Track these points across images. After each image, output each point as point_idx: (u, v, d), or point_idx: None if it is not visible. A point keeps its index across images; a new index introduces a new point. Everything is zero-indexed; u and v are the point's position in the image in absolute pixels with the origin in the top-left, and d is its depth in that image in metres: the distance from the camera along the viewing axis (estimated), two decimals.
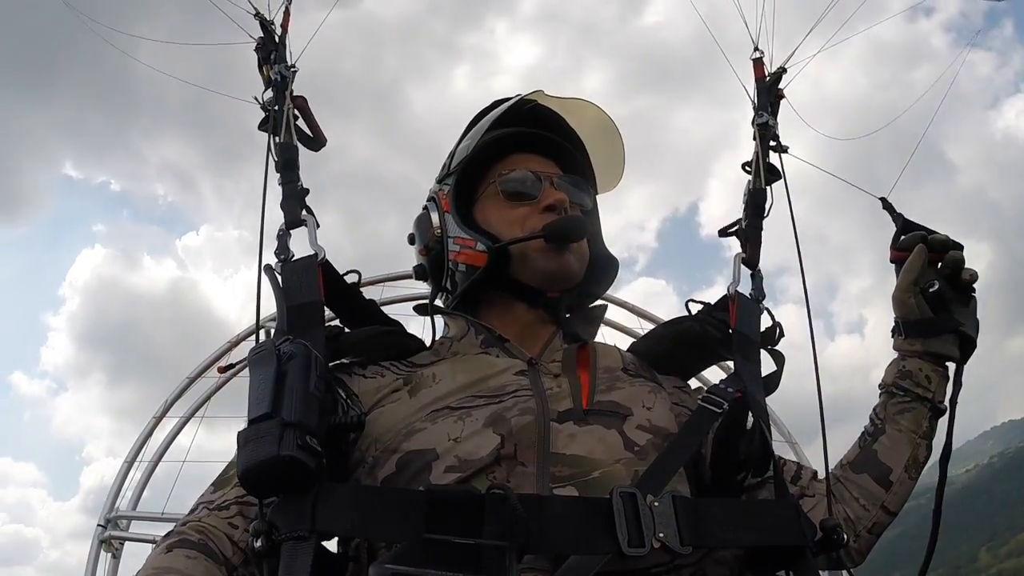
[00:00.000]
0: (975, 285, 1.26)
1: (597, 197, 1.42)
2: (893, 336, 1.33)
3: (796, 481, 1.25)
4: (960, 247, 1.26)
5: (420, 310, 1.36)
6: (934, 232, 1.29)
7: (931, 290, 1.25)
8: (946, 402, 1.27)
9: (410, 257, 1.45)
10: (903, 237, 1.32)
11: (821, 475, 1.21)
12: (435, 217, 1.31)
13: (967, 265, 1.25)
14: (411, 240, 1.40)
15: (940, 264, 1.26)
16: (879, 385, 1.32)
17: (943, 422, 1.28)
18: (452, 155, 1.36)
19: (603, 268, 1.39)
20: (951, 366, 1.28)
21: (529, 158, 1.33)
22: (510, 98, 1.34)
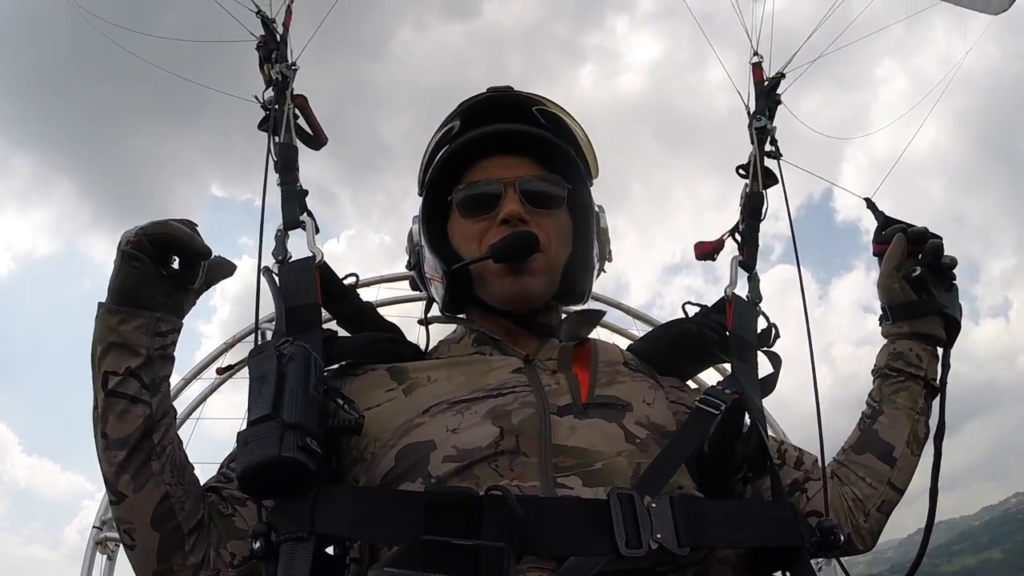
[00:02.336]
0: (955, 272, 1.32)
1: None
2: (881, 324, 1.37)
3: (799, 466, 1.26)
4: (939, 237, 1.31)
5: (421, 321, 1.36)
6: (913, 225, 1.33)
7: (913, 275, 1.31)
8: (938, 381, 1.30)
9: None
10: (884, 231, 1.36)
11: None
12: (415, 231, 1.31)
13: (946, 253, 1.30)
14: (406, 251, 1.39)
15: (921, 254, 1.32)
16: (872, 371, 1.36)
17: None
18: (420, 165, 1.34)
19: (579, 269, 1.28)
20: (939, 350, 1.33)
21: (499, 161, 1.24)
22: (476, 96, 1.29)
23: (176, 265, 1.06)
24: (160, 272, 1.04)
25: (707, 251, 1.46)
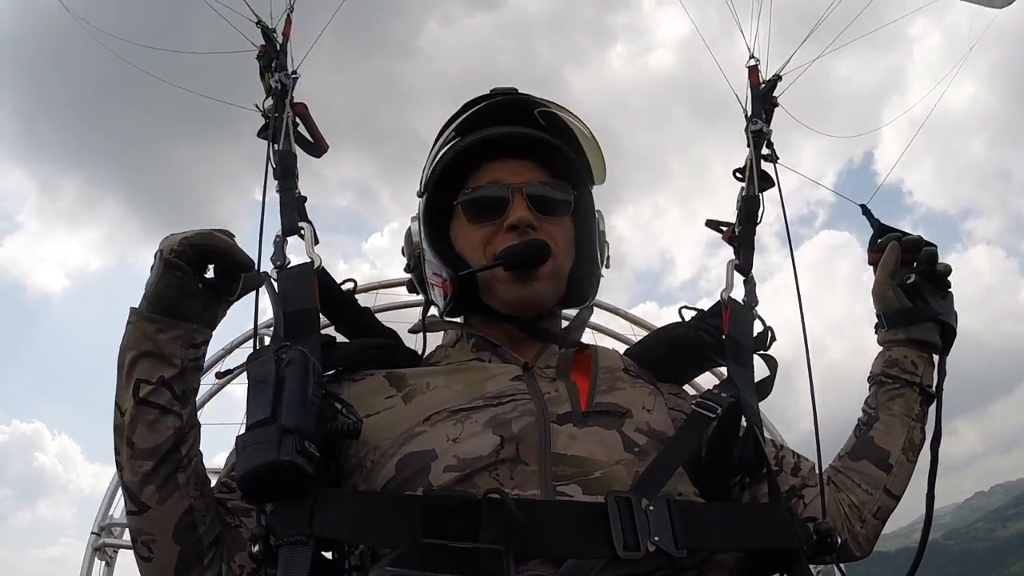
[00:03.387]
0: (950, 279, 1.32)
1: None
2: (876, 331, 1.37)
3: (796, 472, 1.26)
4: (933, 245, 1.31)
5: (415, 329, 1.35)
6: (908, 234, 1.34)
7: (908, 282, 1.32)
8: (934, 387, 1.31)
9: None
10: (879, 240, 1.37)
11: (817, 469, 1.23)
12: (415, 235, 1.30)
13: (941, 261, 1.31)
14: (404, 253, 1.38)
15: (915, 262, 1.32)
16: (868, 378, 1.36)
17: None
18: (424, 167, 1.32)
19: (585, 275, 1.30)
20: (935, 357, 1.33)
21: (505, 164, 1.23)
22: (480, 98, 1.28)
23: (212, 274, 1.06)
24: (199, 283, 1.04)
25: (714, 225, 1.47)
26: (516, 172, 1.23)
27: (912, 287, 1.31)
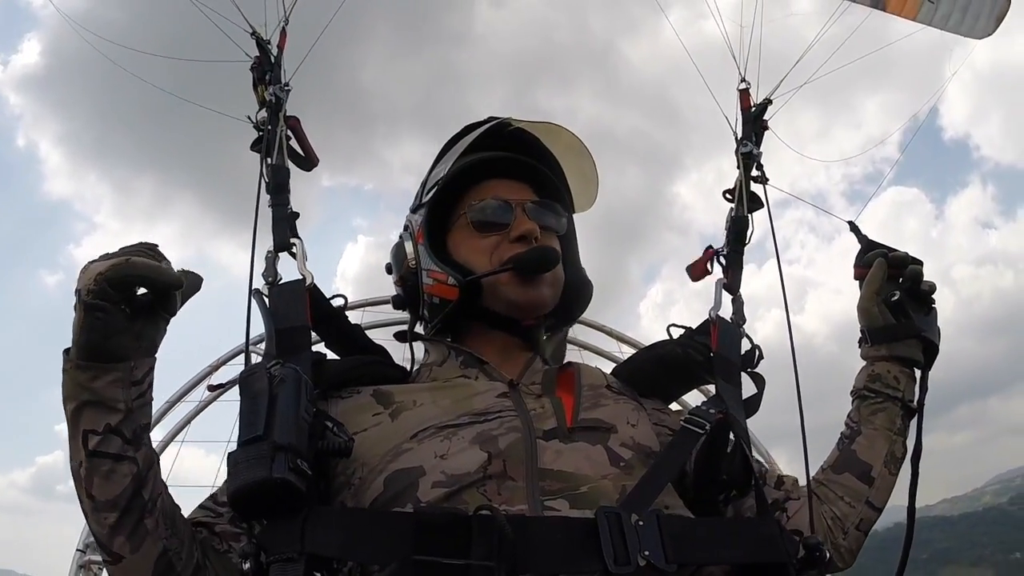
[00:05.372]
0: (934, 296, 1.34)
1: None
2: (860, 346, 1.39)
3: (780, 486, 1.28)
4: (919, 263, 1.33)
5: (400, 337, 1.37)
6: (895, 250, 1.36)
7: (893, 299, 1.33)
8: (915, 403, 1.33)
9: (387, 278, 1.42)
10: (866, 255, 1.39)
11: (802, 482, 1.24)
12: (409, 248, 1.30)
13: (926, 279, 1.33)
14: (388, 270, 1.39)
15: (901, 279, 1.34)
16: (851, 392, 1.38)
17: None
18: (424, 183, 1.35)
19: (579, 290, 1.37)
20: (917, 372, 1.35)
21: (501, 184, 1.31)
22: (481, 123, 1.33)
23: (142, 292, 0.98)
24: (127, 316, 0.96)
25: (698, 274, 1.47)
26: (515, 191, 1.30)
27: (897, 304, 1.33)
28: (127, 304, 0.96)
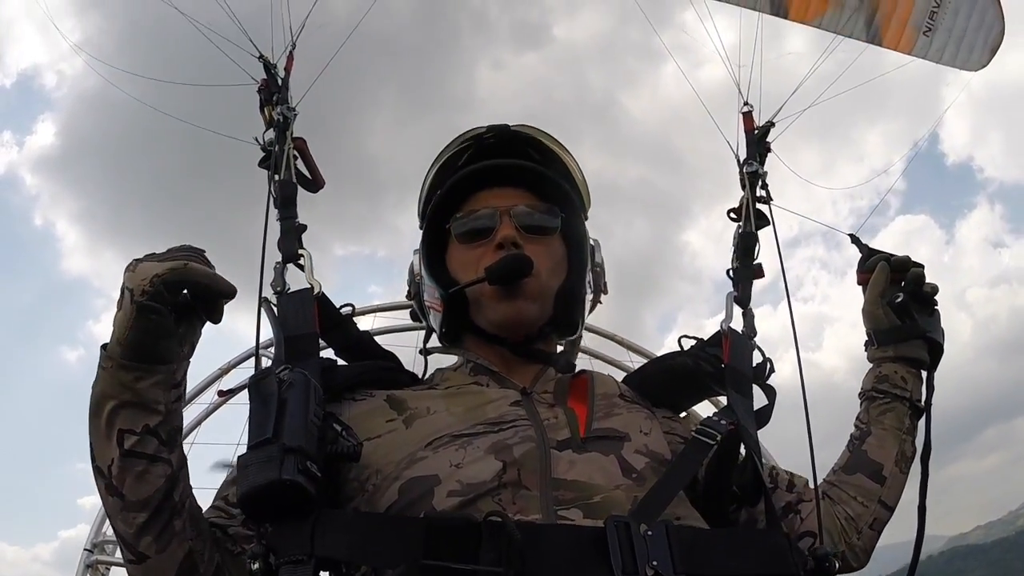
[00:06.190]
0: (937, 298, 1.37)
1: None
2: (867, 348, 1.42)
3: (791, 489, 1.28)
4: (921, 266, 1.37)
5: (422, 352, 1.39)
6: (896, 255, 1.39)
7: (896, 301, 1.36)
8: (923, 403, 1.35)
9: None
10: (868, 261, 1.43)
11: (811, 484, 1.25)
12: (417, 262, 1.34)
13: (928, 281, 1.36)
14: (408, 284, 1.42)
15: (903, 281, 1.37)
16: (859, 394, 1.40)
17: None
18: (419, 198, 1.38)
19: (575, 298, 1.30)
20: (924, 373, 1.37)
21: (492, 193, 1.29)
22: (474, 130, 1.34)
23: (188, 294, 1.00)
24: (176, 319, 0.98)
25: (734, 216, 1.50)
26: (506, 198, 1.29)
27: (900, 306, 1.36)
28: (174, 307, 0.97)
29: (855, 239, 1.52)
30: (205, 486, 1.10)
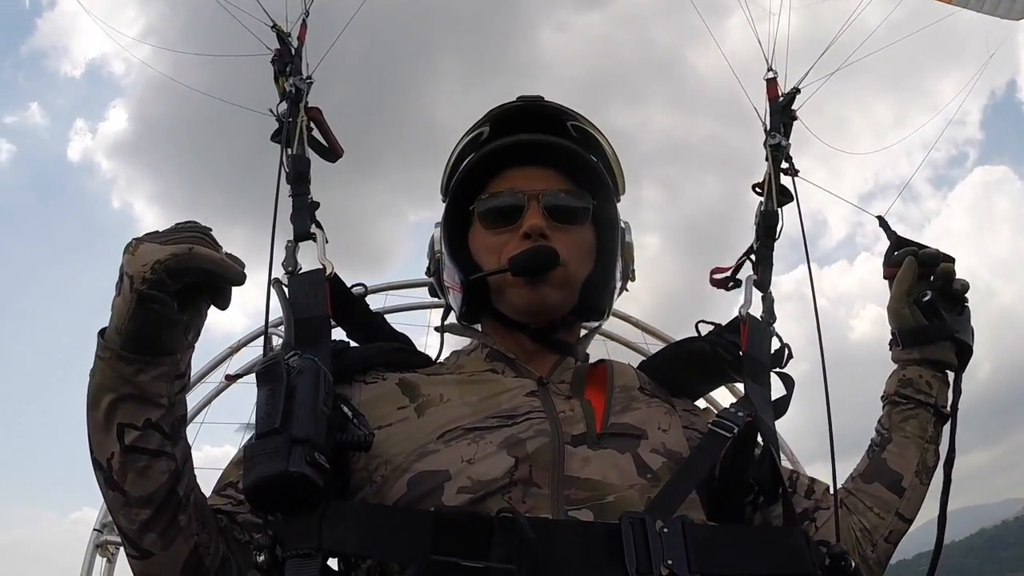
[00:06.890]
0: (967, 295, 1.30)
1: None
2: (891, 348, 1.35)
3: (810, 495, 1.24)
4: (951, 260, 1.29)
5: (438, 329, 1.35)
6: (926, 247, 1.32)
7: (924, 300, 1.29)
8: (948, 408, 1.29)
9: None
10: (896, 253, 1.35)
11: (831, 489, 1.21)
12: (436, 238, 1.30)
13: (958, 277, 1.29)
14: (428, 257, 1.37)
15: (932, 277, 1.30)
16: (881, 397, 1.34)
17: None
18: (444, 171, 1.32)
19: (602, 288, 1.25)
20: (951, 375, 1.31)
21: (521, 172, 1.22)
22: (505, 104, 1.28)
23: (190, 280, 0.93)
24: (180, 306, 0.93)
25: (720, 281, 1.44)
26: (536, 179, 1.21)
27: (928, 304, 1.29)
28: (177, 294, 0.92)
29: (883, 222, 1.46)
30: (212, 466, 1.09)
